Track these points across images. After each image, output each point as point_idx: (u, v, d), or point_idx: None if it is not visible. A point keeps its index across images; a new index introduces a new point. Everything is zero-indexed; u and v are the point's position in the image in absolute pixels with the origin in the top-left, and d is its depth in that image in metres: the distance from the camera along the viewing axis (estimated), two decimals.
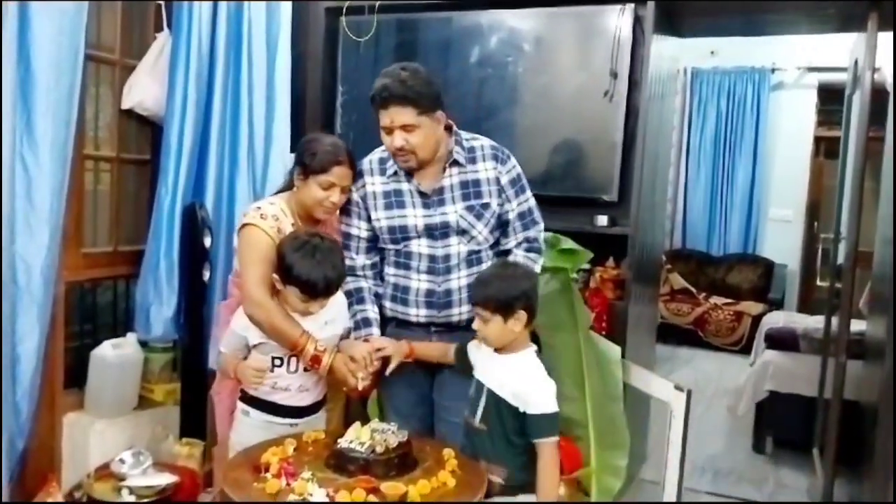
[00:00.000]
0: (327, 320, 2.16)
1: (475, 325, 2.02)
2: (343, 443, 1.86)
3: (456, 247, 2.20)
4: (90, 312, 3.09)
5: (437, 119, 2.13)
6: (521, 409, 1.94)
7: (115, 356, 2.80)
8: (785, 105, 7.00)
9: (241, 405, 2.21)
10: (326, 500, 1.68)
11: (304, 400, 2.18)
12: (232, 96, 3.07)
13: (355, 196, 2.26)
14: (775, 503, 3.50)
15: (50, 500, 2.43)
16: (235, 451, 2.14)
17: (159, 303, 2.88)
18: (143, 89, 2.99)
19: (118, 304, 3.18)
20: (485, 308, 1.96)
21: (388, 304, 2.27)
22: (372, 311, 2.25)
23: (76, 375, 2.87)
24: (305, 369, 2.15)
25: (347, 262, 2.24)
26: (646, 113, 3.05)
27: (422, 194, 2.20)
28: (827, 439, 2.99)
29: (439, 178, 2.20)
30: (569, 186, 3.22)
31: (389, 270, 2.27)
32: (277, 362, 2.13)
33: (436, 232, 2.20)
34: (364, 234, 2.27)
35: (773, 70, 6.99)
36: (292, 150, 3.33)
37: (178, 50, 2.87)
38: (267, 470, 1.80)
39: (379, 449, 1.83)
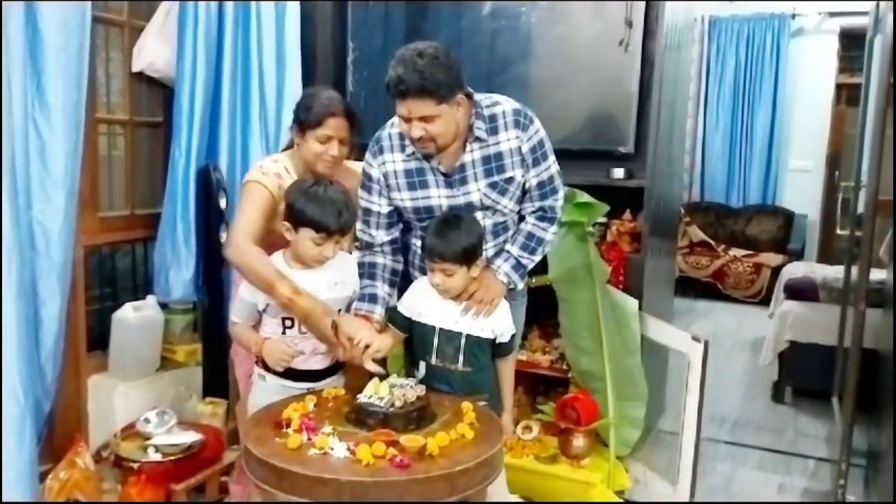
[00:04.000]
0: (337, 281, 2.13)
1: (436, 280, 2.08)
2: (362, 398, 1.89)
3: (481, 221, 2.17)
4: (110, 276, 3.12)
5: (457, 102, 2.02)
6: (498, 340, 2.15)
7: (136, 318, 2.83)
8: (805, 52, 6.86)
9: (257, 369, 2.20)
10: (347, 453, 1.71)
11: (319, 363, 2.16)
12: (242, 55, 3.05)
13: (375, 173, 2.19)
14: (794, 452, 3.51)
15: (78, 459, 2.48)
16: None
17: (178, 265, 2.91)
18: (153, 51, 2.97)
19: (137, 268, 3.22)
20: (452, 263, 2.05)
21: (417, 273, 2.27)
22: (381, 289, 2.20)
23: (99, 338, 2.91)
24: None
25: (366, 238, 2.23)
26: (662, 62, 2.99)
27: (443, 173, 2.14)
28: (846, 388, 2.98)
29: (460, 154, 2.12)
30: (584, 139, 3.17)
31: (416, 242, 2.24)
32: (288, 323, 2.10)
33: (461, 210, 2.16)
34: (385, 209, 2.22)
35: (793, 16, 6.83)
36: None
37: (187, 9, 2.84)
38: (288, 425, 1.83)
39: (398, 403, 1.85)
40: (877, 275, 3.21)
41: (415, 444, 1.72)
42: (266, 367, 2.14)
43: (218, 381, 2.96)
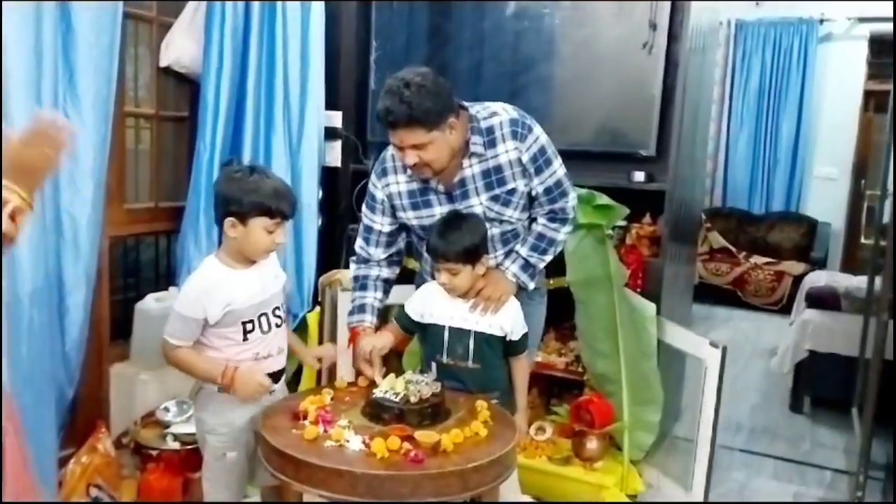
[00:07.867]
0: (276, 274, 2.08)
1: (442, 279, 2.10)
2: (378, 393, 1.91)
3: (489, 231, 2.18)
4: (134, 267, 3.17)
5: (449, 125, 2.00)
6: (508, 338, 2.14)
7: (158, 309, 2.86)
8: (833, 58, 6.79)
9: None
10: (362, 446, 1.73)
11: (281, 362, 2.09)
12: (267, 53, 3.08)
13: (380, 194, 2.22)
14: (811, 463, 3.48)
15: (99, 445, 2.53)
16: (214, 432, 2.00)
17: (200, 257, 2.92)
18: (181, 47, 3.01)
19: (160, 259, 3.26)
20: (456, 262, 2.06)
21: (428, 279, 2.29)
22: (371, 298, 2.26)
23: (122, 328, 2.96)
24: (277, 325, 2.03)
25: (363, 254, 2.29)
26: (686, 66, 2.98)
27: (443, 191, 2.16)
28: (866, 399, 2.95)
29: (458, 171, 2.12)
30: (605, 141, 3.16)
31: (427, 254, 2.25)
32: (249, 327, 1.96)
33: None
34: (386, 228, 2.26)
35: (821, 21, 6.76)
36: (327, 107, 3.36)
37: (214, 7, 2.88)
38: (305, 417, 1.85)
39: (413, 399, 1.87)
40: None
41: (429, 439, 1.74)
42: None
43: None
